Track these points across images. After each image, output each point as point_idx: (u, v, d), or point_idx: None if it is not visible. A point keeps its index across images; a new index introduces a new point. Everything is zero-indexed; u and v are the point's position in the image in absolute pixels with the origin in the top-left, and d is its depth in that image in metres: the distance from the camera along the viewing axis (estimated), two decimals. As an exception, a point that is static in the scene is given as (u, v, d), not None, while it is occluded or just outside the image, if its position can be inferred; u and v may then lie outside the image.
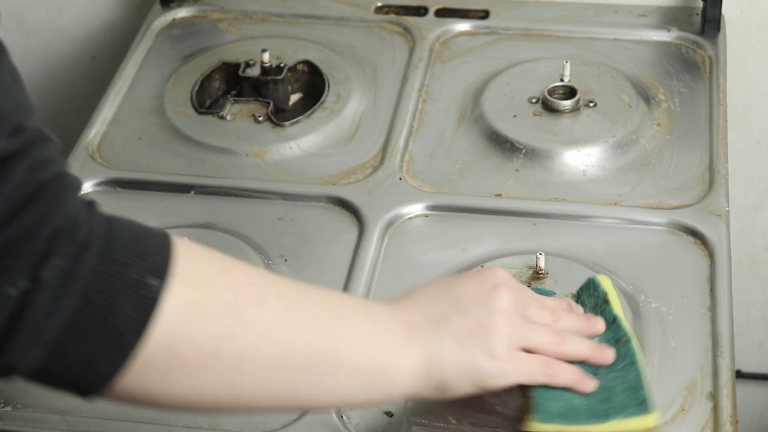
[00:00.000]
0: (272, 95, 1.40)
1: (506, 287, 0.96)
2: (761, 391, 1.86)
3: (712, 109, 1.35)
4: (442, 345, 0.92)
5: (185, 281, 0.80)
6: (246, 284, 0.85)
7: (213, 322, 0.81)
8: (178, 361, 0.80)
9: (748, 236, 1.70)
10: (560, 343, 0.97)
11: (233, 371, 0.83)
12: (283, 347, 0.85)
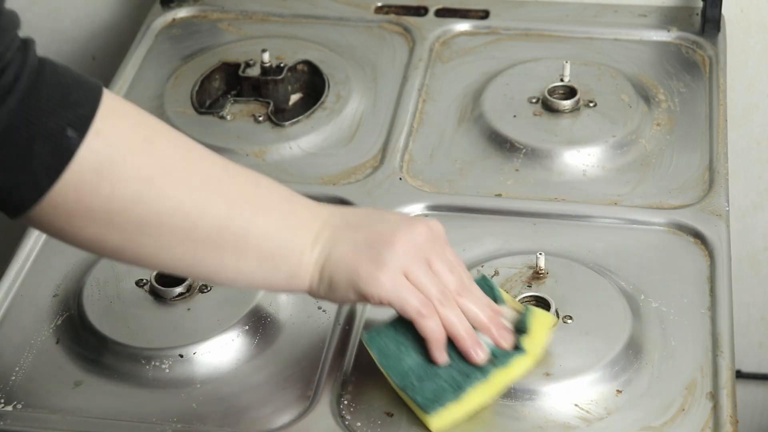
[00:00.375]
0: (272, 95, 1.40)
1: (428, 229, 0.99)
2: (761, 391, 1.86)
3: (712, 109, 1.36)
4: (339, 246, 0.96)
5: (104, 140, 0.85)
6: (168, 157, 0.89)
7: (123, 184, 0.86)
8: (83, 210, 0.86)
9: (748, 236, 1.70)
10: (441, 302, 0.98)
11: (136, 231, 0.88)
12: (192, 223, 0.90)
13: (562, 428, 1.01)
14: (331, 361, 1.08)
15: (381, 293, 0.96)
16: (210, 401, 1.06)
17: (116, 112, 0.86)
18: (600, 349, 1.06)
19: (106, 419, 1.04)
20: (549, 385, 1.03)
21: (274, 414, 1.04)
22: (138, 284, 1.14)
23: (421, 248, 0.98)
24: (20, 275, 1.19)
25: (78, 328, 1.12)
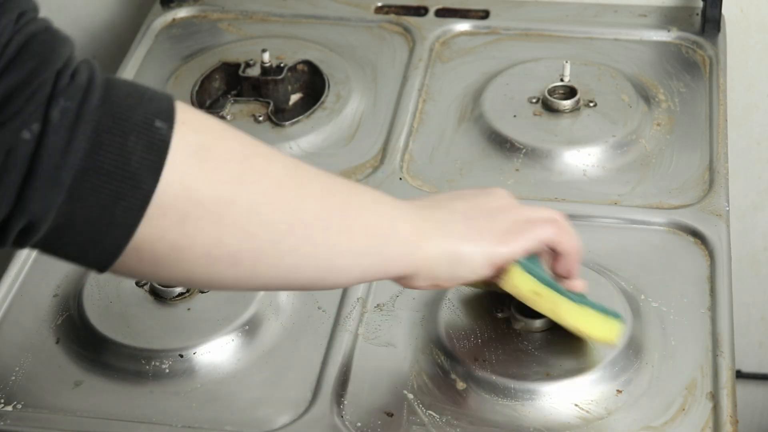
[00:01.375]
0: (272, 95, 1.40)
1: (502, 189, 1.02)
2: (761, 391, 1.86)
3: (712, 109, 1.36)
4: (454, 221, 0.95)
5: (192, 127, 0.80)
6: (251, 141, 0.86)
7: (224, 167, 0.81)
8: (195, 206, 0.80)
9: (748, 236, 1.70)
10: (561, 216, 1.01)
11: (249, 220, 0.83)
12: (297, 199, 0.86)
13: (562, 428, 1.01)
14: (331, 361, 1.08)
15: (517, 248, 0.97)
16: (210, 401, 1.06)
17: (189, 107, 0.82)
18: (600, 349, 1.06)
19: (106, 419, 1.04)
20: (549, 385, 1.03)
21: (274, 414, 1.04)
22: (138, 284, 1.14)
23: (513, 202, 1.01)
24: (20, 275, 1.19)
25: (78, 328, 1.12)
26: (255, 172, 0.84)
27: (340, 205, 0.89)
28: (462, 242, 0.95)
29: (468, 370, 1.05)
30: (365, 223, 0.90)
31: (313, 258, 0.88)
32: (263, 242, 0.84)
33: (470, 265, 0.96)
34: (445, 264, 0.95)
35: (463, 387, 1.04)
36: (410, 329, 1.11)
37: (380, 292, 1.15)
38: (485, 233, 0.96)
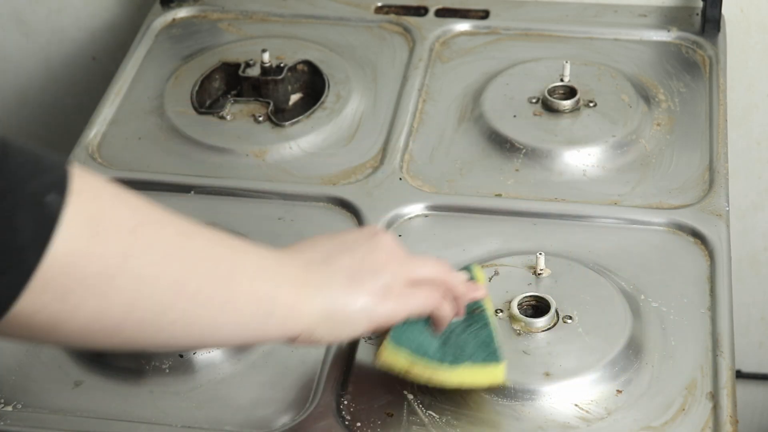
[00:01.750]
0: (272, 95, 1.40)
1: (388, 233, 1.01)
2: (761, 391, 1.86)
3: (712, 109, 1.35)
4: (335, 280, 0.95)
5: (84, 198, 0.78)
6: (143, 205, 0.85)
7: (113, 240, 0.80)
8: (79, 280, 0.79)
9: (748, 236, 1.70)
10: (445, 272, 1.01)
11: (135, 293, 0.82)
12: (182, 270, 0.85)
13: (562, 428, 1.01)
14: (331, 362, 1.08)
15: (399, 316, 0.98)
16: (210, 401, 1.06)
17: (84, 173, 0.81)
18: (600, 349, 1.06)
19: (106, 419, 1.04)
20: (549, 385, 1.03)
21: (274, 414, 1.04)
22: (138, 284, 1.13)
23: (399, 254, 1.00)
24: (20, 275, 1.19)
25: (78, 328, 1.12)
26: (144, 242, 0.83)
27: (226, 275, 0.88)
28: (343, 302, 0.95)
29: (468, 370, 1.05)
30: (248, 292, 0.90)
31: (196, 328, 0.88)
32: (145, 314, 0.84)
33: (351, 325, 0.96)
34: (326, 325, 0.94)
35: (463, 387, 1.04)
36: (410, 329, 1.11)
37: (380, 292, 1.15)
38: (367, 292, 0.96)
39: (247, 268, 0.90)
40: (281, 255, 0.96)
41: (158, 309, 0.84)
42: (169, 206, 1.26)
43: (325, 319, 0.94)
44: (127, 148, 1.35)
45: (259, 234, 1.22)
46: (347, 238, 1.00)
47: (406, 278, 0.98)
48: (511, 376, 1.04)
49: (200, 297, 0.86)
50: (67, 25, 1.73)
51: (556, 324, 1.08)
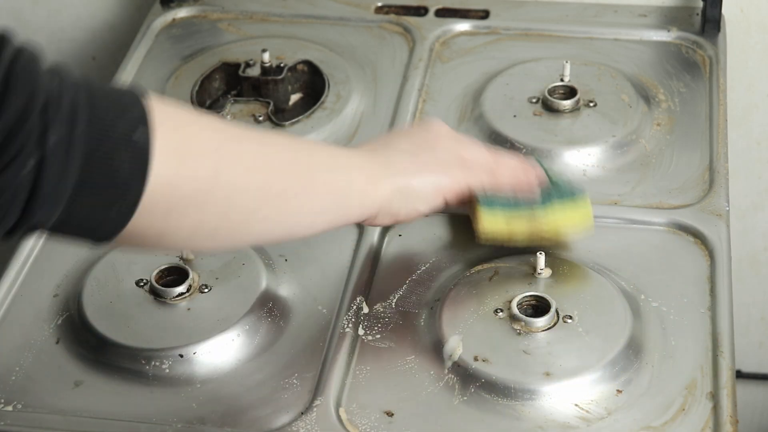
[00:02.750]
0: (272, 95, 1.40)
1: (437, 119, 1.16)
2: (761, 391, 1.86)
3: (712, 109, 1.36)
4: (399, 161, 1.08)
5: (167, 127, 0.88)
6: (220, 125, 0.95)
7: (201, 160, 0.91)
8: (178, 199, 0.89)
9: (748, 236, 1.70)
10: (494, 158, 1.13)
11: (227, 201, 0.93)
12: (267, 176, 0.96)
13: (562, 428, 1.01)
14: (331, 361, 1.08)
15: (461, 184, 1.10)
16: (210, 401, 1.06)
17: (161, 102, 0.89)
18: (600, 349, 1.06)
19: (106, 419, 1.04)
20: (549, 385, 1.03)
21: (274, 414, 1.04)
22: (138, 284, 1.14)
23: (451, 134, 1.14)
24: (20, 275, 1.19)
25: (78, 328, 1.12)
26: (229, 159, 0.93)
27: (304, 170, 1.00)
28: (411, 177, 1.08)
29: (468, 370, 1.05)
30: (325, 181, 1.02)
31: (284, 222, 1.00)
32: (239, 217, 0.95)
33: (422, 197, 1.09)
34: (400, 199, 1.07)
35: (462, 387, 1.04)
36: (410, 329, 1.11)
37: (380, 292, 1.15)
38: (431, 166, 1.09)
39: (322, 163, 1.02)
40: (349, 149, 1.11)
41: (249, 211, 0.95)
42: (169, 206, 1.27)
43: (398, 195, 1.07)
44: (127, 148, 1.34)
45: (259, 234, 1.22)
46: (403, 129, 1.21)
47: (459, 155, 1.11)
48: (511, 376, 1.04)
49: (285, 195, 0.98)
50: (67, 25, 1.73)
51: (556, 324, 1.08)
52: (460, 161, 1.11)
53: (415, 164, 1.09)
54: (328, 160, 1.04)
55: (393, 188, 1.07)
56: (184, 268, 1.14)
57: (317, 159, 1.02)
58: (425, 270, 1.17)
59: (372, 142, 1.13)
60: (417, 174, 1.09)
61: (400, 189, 1.07)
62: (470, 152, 1.12)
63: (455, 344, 1.06)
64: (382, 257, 1.19)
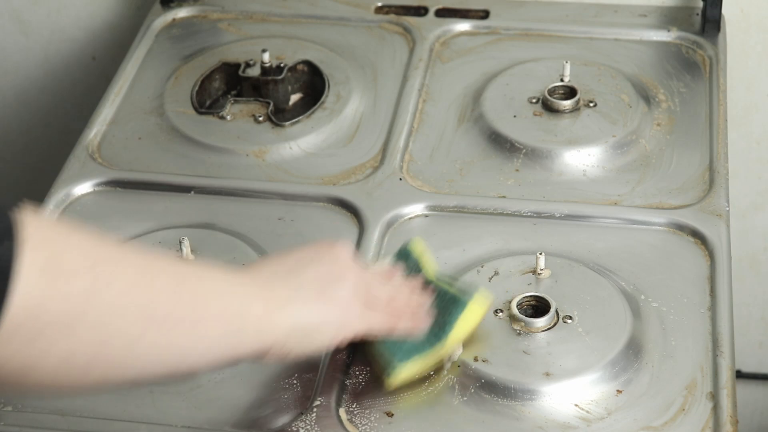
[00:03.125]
0: (272, 95, 1.40)
1: (345, 246, 1.03)
2: (761, 391, 1.86)
3: (712, 109, 1.35)
4: (302, 292, 0.96)
5: (37, 242, 0.78)
6: (97, 243, 0.84)
7: (73, 280, 0.80)
8: (45, 324, 0.78)
9: (748, 236, 1.70)
10: (400, 291, 1.04)
11: (103, 327, 0.82)
12: (147, 300, 0.85)
13: (562, 428, 1.01)
14: (331, 361, 1.08)
15: (359, 329, 1.00)
16: (210, 401, 1.06)
17: (32, 216, 0.80)
18: (600, 349, 1.06)
19: (106, 419, 1.04)
20: (549, 385, 1.03)
21: (274, 414, 1.04)
22: (138, 284, 1.13)
23: (357, 267, 1.02)
24: (20, 275, 1.19)
25: (78, 328, 1.12)
26: (104, 279, 0.82)
27: (192, 296, 0.89)
28: (312, 313, 0.97)
29: (468, 370, 1.05)
30: (217, 309, 0.90)
31: (168, 355, 0.88)
32: (116, 347, 0.83)
33: (320, 337, 0.98)
34: (297, 336, 0.95)
35: (462, 387, 1.04)
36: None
37: (380, 292, 1.15)
38: (335, 303, 0.98)
39: (212, 289, 0.91)
40: (244, 272, 0.97)
41: (128, 341, 0.84)
42: (169, 206, 1.27)
43: (295, 331, 0.95)
44: (127, 148, 1.35)
45: (259, 234, 1.22)
46: (307, 252, 1.01)
47: (365, 292, 1.00)
48: (511, 376, 1.04)
49: (170, 320, 0.86)
50: (67, 25, 1.73)
51: (556, 324, 1.08)
52: (366, 300, 1.00)
53: (319, 300, 0.97)
54: (221, 286, 0.92)
55: (291, 323, 0.95)
56: (184, 268, 1.13)
57: (208, 285, 0.91)
58: (425, 270, 1.17)
59: (276, 263, 0.99)
60: (320, 311, 0.97)
61: (299, 325, 0.96)
62: (376, 289, 1.02)
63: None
64: (382, 257, 1.19)
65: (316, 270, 0.99)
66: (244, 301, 0.93)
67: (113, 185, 1.30)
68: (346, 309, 0.99)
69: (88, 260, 0.81)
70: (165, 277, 0.87)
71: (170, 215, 1.25)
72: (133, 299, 0.84)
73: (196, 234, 1.20)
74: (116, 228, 1.23)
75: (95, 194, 1.29)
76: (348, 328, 0.99)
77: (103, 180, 1.30)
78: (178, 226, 1.22)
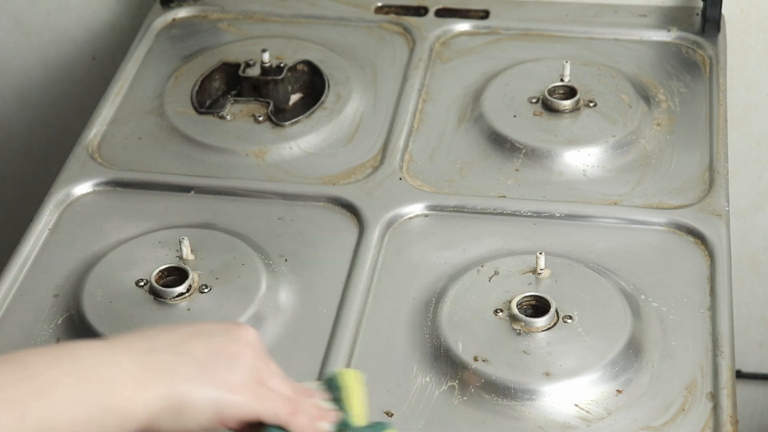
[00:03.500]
0: (272, 95, 1.40)
1: (251, 329, 0.93)
2: (761, 391, 1.86)
3: (712, 109, 1.36)
4: (181, 369, 0.87)
5: None
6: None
7: None
8: None
9: (748, 236, 1.70)
10: (299, 395, 0.92)
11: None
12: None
13: (562, 428, 1.01)
14: (331, 362, 1.08)
15: (249, 411, 0.88)
16: (210, 401, 1.05)
17: None
18: (600, 349, 1.06)
19: (106, 419, 1.04)
20: (549, 385, 1.03)
21: (274, 414, 1.04)
22: (138, 284, 1.14)
23: (260, 348, 0.92)
24: (20, 275, 1.19)
25: (78, 328, 1.12)
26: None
27: (43, 378, 0.81)
28: (189, 390, 0.86)
29: (468, 370, 1.05)
30: (78, 387, 0.82)
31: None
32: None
33: (196, 416, 0.86)
34: (170, 414, 0.86)
35: (463, 387, 1.04)
36: (410, 329, 1.11)
37: (380, 292, 1.15)
38: (218, 382, 0.87)
39: (69, 376, 0.83)
40: (119, 343, 0.87)
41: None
42: (169, 206, 1.27)
43: (168, 409, 0.86)
44: (127, 148, 1.35)
45: (259, 234, 1.22)
46: (207, 326, 0.92)
47: (258, 378, 0.89)
48: (511, 376, 1.04)
49: (21, 402, 0.80)
50: (67, 25, 1.73)
51: (556, 324, 1.08)
52: (256, 385, 0.89)
53: (199, 375, 0.87)
54: (80, 368, 0.83)
55: (163, 400, 0.85)
56: (184, 269, 1.14)
57: (63, 370, 0.83)
58: (425, 270, 1.17)
59: (164, 331, 0.90)
60: (197, 386, 0.86)
61: (172, 402, 0.85)
62: (272, 380, 0.90)
63: None
64: (382, 257, 1.19)
65: (206, 344, 0.89)
66: (112, 379, 0.84)
67: (113, 185, 1.30)
68: (230, 388, 0.87)
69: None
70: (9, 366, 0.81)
71: (170, 215, 1.25)
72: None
73: (196, 234, 1.20)
74: (116, 228, 1.24)
75: (95, 194, 1.29)
76: (230, 410, 0.88)
77: (103, 180, 1.30)
78: (178, 226, 1.22)
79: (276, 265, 1.18)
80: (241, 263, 1.16)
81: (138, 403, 0.85)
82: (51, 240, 1.23)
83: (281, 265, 1.18)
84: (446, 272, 1.16)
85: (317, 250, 1.20)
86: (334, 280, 1.17)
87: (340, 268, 1.18)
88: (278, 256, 1.19)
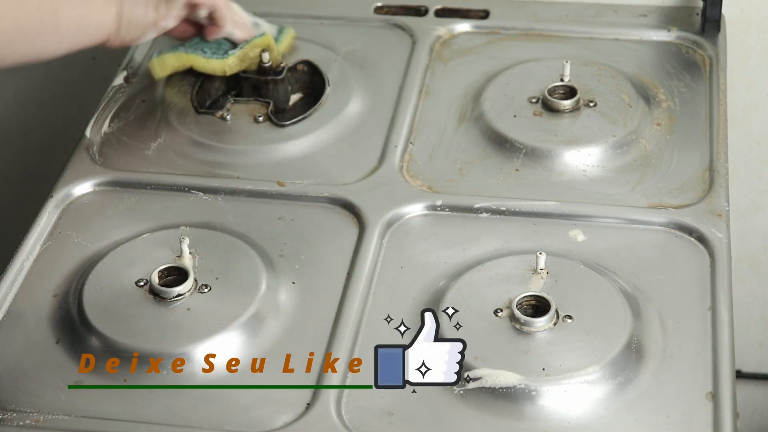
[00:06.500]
0: (272, 95, 1.40)
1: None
2: (761, 391, 1.86)
3: (712, 109, 1.36)
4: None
5: None
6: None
7: None
8: None
9: (748, 236, 1.70)
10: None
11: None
12: (16, 20, 1.15)
13: (561, 428, 1.01)
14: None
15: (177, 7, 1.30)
16: (210, 401, 1.06)
17: None
18: (600, 349, 1.06)
19: (106, 419, 1.04)
20: (549, 385, 1.03)
21: (274, 414, 1.04)
22: (138, 284, 1.14)
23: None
24: (20, 275, 1.19)
25: (78, 328, 1.12)
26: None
27: (51, 10, 1.19)
28: (129, 8, 1.27)
29: (468, 370, 1.05)
30: (68, 18, 1.21)
31: (33, 53, 1.20)
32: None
33: (140, 25, 1.29)
34: (125, 27, 1.27)
35: (463, 387, 1.04)
36: (410, 329, 1.11)
37: (380, 291, 1.15)
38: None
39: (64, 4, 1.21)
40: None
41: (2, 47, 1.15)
42: (169, 206, 1.27)
43: (123, 24, 1.26)
44: (127, 148, 1.35)
45: (259, 234, 1.22)
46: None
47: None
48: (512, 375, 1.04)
49: (35, 33, 1.17)
50: (67, 25, 1.72)
51: (556, 324, 1.08)
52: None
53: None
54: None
55: (117, 18, 1.26)
56: (184, 268, 1.14)
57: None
58: (425, 270, 1.17)
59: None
60: (136, 7, 1.27)
61: (123, 19, 1.26)
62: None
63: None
64: (382, 257, 1.19)
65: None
66: (87, 9, 1.23)
67: (113, 185, 1.30)
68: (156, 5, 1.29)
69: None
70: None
71: (170, 215, 1.25)
72: (5, 21, 1.14)
73: (196, 234, 1.20)
74: (116, 228, 1.24)
75: (95, 194, 1.29)
76: (161, 18, 1.30)
77: (103, 180, 1.30)
78: (177, 225, 1.22)
79: (276, 265, 1.18)
80: (241, 263, 1.16)
81: (103, 22, 1.25)
82: (51, 240, 1.23)
83: (281, 265, 1.18)
84: (446, 272, 1.16)
85: (317, 250, 1.20)
86: (334, 280, 1.17)
87: (340, 267, 1.18)
88: (278, 256, 1.19)
